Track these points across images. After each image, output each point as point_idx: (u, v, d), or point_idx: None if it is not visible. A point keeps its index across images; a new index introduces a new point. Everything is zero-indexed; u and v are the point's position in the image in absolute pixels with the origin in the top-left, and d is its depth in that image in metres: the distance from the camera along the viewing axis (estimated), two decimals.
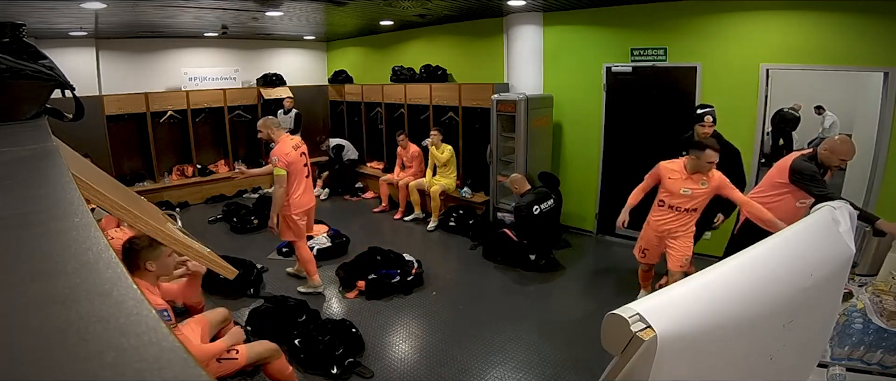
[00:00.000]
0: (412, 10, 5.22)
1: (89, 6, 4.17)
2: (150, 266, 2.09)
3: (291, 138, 3.73)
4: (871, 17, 3.56)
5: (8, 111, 0.90)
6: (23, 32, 0.96)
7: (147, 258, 2.08)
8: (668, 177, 3.15)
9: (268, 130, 3.68)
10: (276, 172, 3.51)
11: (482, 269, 4.51)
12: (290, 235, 3.76)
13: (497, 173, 5.16)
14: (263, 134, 3.70)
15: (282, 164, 3.50)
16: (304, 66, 8.46)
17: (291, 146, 3.63)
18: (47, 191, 0.59)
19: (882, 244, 2.33)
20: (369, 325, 3.44)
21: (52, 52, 1.07)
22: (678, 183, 3.11)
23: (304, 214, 3.79)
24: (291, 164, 3.56)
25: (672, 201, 3.16)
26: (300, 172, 3.67)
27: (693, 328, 0.91)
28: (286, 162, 3.52)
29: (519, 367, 2.99)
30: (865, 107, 4.80)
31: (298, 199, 3.69)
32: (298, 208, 3.70)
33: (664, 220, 3.22)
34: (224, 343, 2.31)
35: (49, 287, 0.35)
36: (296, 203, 3.67)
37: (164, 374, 0.26)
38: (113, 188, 1.29)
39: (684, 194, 3.09)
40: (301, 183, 3.70)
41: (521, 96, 4.78)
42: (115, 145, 6.37)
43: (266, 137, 3.71)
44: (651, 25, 4.55)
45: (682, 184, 3.10)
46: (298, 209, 3.70)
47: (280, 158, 3.50)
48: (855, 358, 2.21)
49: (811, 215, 1.46)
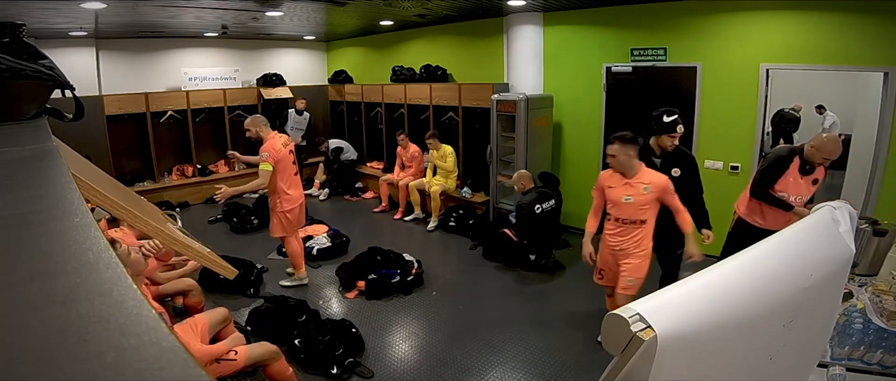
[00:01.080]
0: (412, 10, 5.22)
1: (89, 6, 4.17)
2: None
3: (280, 136, 3.83)
4: (871, 17, 3.56)
5: (8, 111, 0.90)
6: (23, 32, 0.96)
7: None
8: (607, 186, 2.93)
9: (256, 127, 3.77)
10: (262, 167, 3.62)
11: (482, 269, 4.51)
12: (281, 230, 3.88)
13: (497, 173, 5.16)
14: (252, 132, 3.79)
15: (271, 159, 3.61)
16: (304, 66, 8.46)
17: (281, 144, 3.73)
18: (47, 191, 0.59)
19: (882, 244, 2.33)
20: (369, 325, 3.44)
21: (52, 52, 1.07)
22: (618, 191, 2.87)
23: (296, 209, 3.89)
24: (280, 160, 3.67)
25: (618, 213, 2.91)
26: (289, 168, 3.78)
27: (693, 328, 0.91)
28: (275, 158, 3.63)
29: (519, 367, 2.99)
30: (865, 107, 4.80)
31: (291, 195, 3.80)
32: (291, 204, 3.81)
33: (613, 234, 2.97)
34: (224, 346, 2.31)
35: (49, 287, 0.35)
36: (288, 199, 3.79)
37: (164, 374, 0.26)
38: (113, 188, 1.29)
39: (627, 201, 2.85)
40: (291, 179, 3.81)
41: (521, 96, 4.78)
42: (115, 145, 6.37)
43: (255, 135, 3.79)
44: (651, 25, 4.55)
45: (622, 191, 2.86)
46: (291, 205, 3.81)
47: (270, 153, 3.61)
48: (855, 358, 2.21)
49: (811, 215, 1.46)
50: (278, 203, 3.78)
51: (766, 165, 3.04)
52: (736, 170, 4.31)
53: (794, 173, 2.97)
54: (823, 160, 2.89)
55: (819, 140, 2.91)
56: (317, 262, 4.56)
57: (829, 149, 2.86)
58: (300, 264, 4.07)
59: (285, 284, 4.08)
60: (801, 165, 2.95)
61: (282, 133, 4.05)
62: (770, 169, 3.00)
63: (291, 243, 3.98)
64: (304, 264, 4.13)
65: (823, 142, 2.88)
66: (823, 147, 2.86)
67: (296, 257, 4.03)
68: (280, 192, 3.75)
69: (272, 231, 3.93)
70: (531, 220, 4.24)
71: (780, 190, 2.98)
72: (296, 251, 4.01)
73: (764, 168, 3.05)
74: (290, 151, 3.82)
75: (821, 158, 2.89)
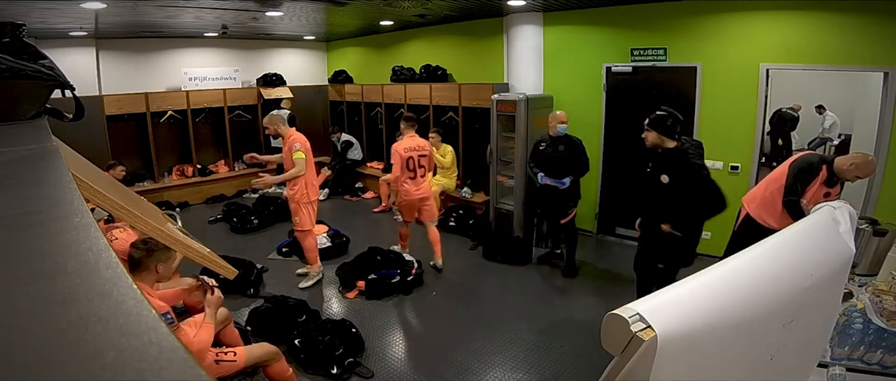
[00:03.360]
0: (412, 10, 5.22)
1: (89, 6, 4.17)
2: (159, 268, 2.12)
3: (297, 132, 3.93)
4: (871, 17, 3.56)
5: (8, 111, 0.90)
6: (23, 32, 0.96)
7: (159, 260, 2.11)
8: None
9: (275, 125, 3.84)
10: (295, 157, 3.75)
11: (482, 269, 4.51)
12: (309, 223, 3.95)
13: (497, 173, 5.16)
14: (271, 129, 3.87)
15: (303, 149, 3.75)
16: (304, 66, 8.46)
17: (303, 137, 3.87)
18: (47, 191, 0.59)
19: (882, 244, 2.33)
20: (369, 325, 3.44)
21: (52, 53, 1.07)
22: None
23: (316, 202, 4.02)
24: (308, 151, 3.82)
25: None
26: (313, 162, 3.94)
27: (693, 327, 0.91)
28: (306, 148, 3.79)
29: (519, 367, 2.99)
30: (865, 107, 4.80)
31: (316, 186, 3.98)
32: (316, 195, 3.99)
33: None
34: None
35: (49, 287, 0.35)
36: (315, 190, 3.95)
37: (163, 374, 0.26)
38: (113, 188, 1.29)
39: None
40: (314, 172, 3.96)
41: (521, 96, 4.78)
42: (115, 145, 6.36)
43: (274, 132, 3.87)
44: (651, 25, 4.55)
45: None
46: (316, 196, 3.99)
47: (301, 143, 3.76)
48: (855, 358, 2.21)
49: (811, 215, 1.46)
50: (307, 194, 3.86)
51: (798, 171, 2.93)
52: (736, 170, 4.31)
53: (818, 183, 2.91)
54: (854, 177, 2.84)
55: (861, 159, 2.84)
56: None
57: (868, 169, 2.82)
58: (316, 259, 4.13)
59: (304, 285, 4.07)
60: (828, 176, 2.88)
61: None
62: (802, 176, 2.91)
63: (309, 239, 4.03)
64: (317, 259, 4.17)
65: (867, 162, 2.82)
66: (864, 167, 2.80)
67: (311, 251, 4.08)
68: (309, 182, 3.86)
69: (301, 225, 3.93)
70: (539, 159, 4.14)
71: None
72: (313, 245, 4.08)
73: (795, 175, 2.92)
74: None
75: (853, 176, 2.83)
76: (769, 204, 3.04)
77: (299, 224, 3.93)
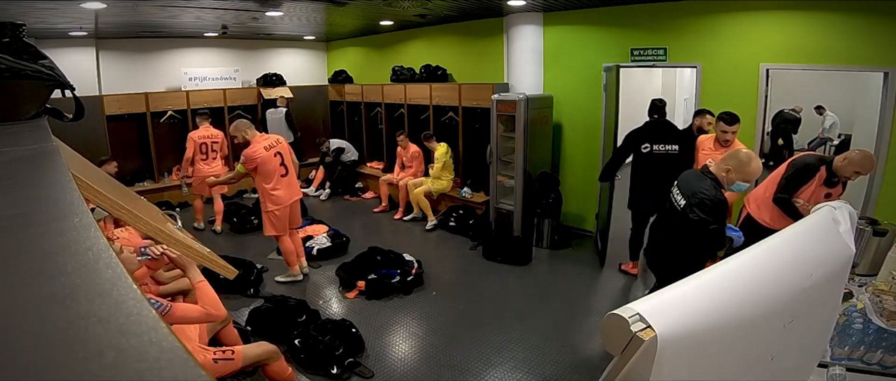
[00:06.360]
0: (412, 10, 5.22)
1: (89, 6, 4.17)
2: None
3: (265, 138, 3.94)
4: (871, 17, 3.55)
5: (8, 111, 0.90)
6: (23, 32, 0.96)
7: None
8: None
9: (241, 132, 3.88)
10: (237, 168, 3.89)
11: (482, 269, 4.51)
12: (271, 230, 3.98)
13: (497, 173, 5.16)
14: (238, 137, 3.89)
15: (248, 164, 3.78)
16: (304, 66, 8.45)
17: (263, 147, 3.83)
18: (47, 191, 0.59)
19: (882, 244, 2.33)
20: (369, 325, 3.44)
21: (52, 53, 1.07)
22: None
23: (286, 209, 3.98)
24: (262, 163, 3.79)
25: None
26: (274, 170, 3.87)
27: (693, 328, 0.91)
28: (254, 164, 3.77)
29: (519, 367, 2.99)
30: (865, 107, 4.80)
31: (277, 195, 3.89)
32: (277, 204, 3.90)
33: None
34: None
35: (49, 287, 0.35)
36: (273, 199, 3.89)
37: (163, 374, 0.26)
38: (113, 188, 1.29)
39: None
40: (277, 180, 3.89)
41: (521, 96, 4.78)
42: (115, 145, 6.35)
43: (241, 140, 3.88)
44: (651, 25, 4.55)
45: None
46: (277, 205, 3.90)
47: (247, 158, 3.78)
48: (855, 358, 2.21)
49: (811, 215, 1.46)
50: (264, 203, 3.92)
51: (793, 172, 2.98)
52: None
53: (816, 183, 2.93)
54: (853, 174, 2.85)
55: (859, 155, 2.85)
56: (317, 262, 4.56)
57: (865, 165, 2.82)
58: (293, 262, 4.17)
59: (280, 279, 4.20)
60: (827, 177, 2.90)
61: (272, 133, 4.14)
62: (796, 177, 2.95)
63: (284, 242, 4.08)
64: (297, 261, 4.21)
65: (861, 158, 2.83)
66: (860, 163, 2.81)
67: (288, 255, 4.14)
68: (265, 192, 3.88)
69: (264, 231, 4.05)
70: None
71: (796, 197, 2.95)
72: (288, 249, 4.12)
73: (790, 175, 2.98)
74: (277, 153, 3.88)
75: (851, 172, 2.84)
76: (769, 204, 3.06)
77: (264, 230, 4.06)
